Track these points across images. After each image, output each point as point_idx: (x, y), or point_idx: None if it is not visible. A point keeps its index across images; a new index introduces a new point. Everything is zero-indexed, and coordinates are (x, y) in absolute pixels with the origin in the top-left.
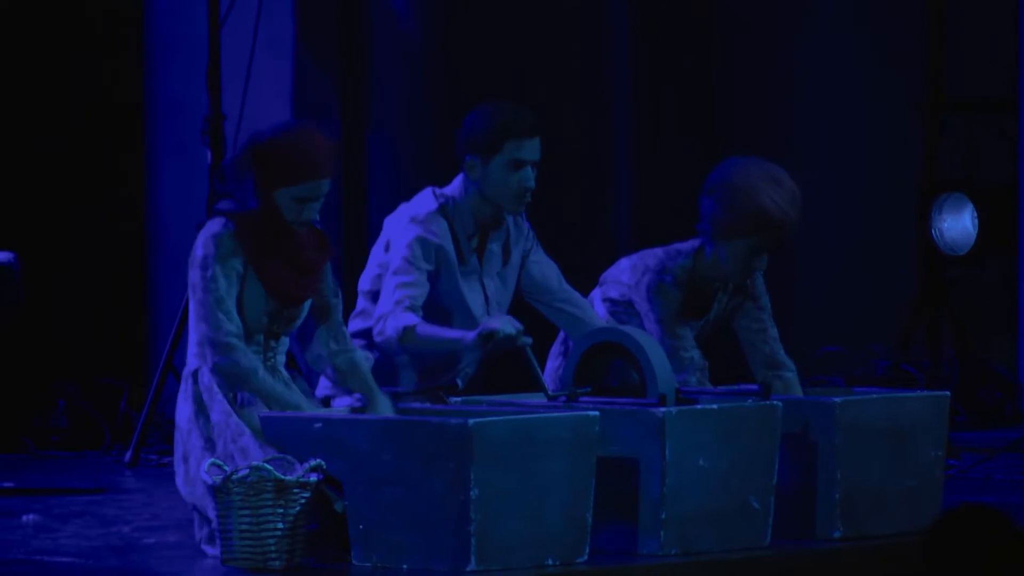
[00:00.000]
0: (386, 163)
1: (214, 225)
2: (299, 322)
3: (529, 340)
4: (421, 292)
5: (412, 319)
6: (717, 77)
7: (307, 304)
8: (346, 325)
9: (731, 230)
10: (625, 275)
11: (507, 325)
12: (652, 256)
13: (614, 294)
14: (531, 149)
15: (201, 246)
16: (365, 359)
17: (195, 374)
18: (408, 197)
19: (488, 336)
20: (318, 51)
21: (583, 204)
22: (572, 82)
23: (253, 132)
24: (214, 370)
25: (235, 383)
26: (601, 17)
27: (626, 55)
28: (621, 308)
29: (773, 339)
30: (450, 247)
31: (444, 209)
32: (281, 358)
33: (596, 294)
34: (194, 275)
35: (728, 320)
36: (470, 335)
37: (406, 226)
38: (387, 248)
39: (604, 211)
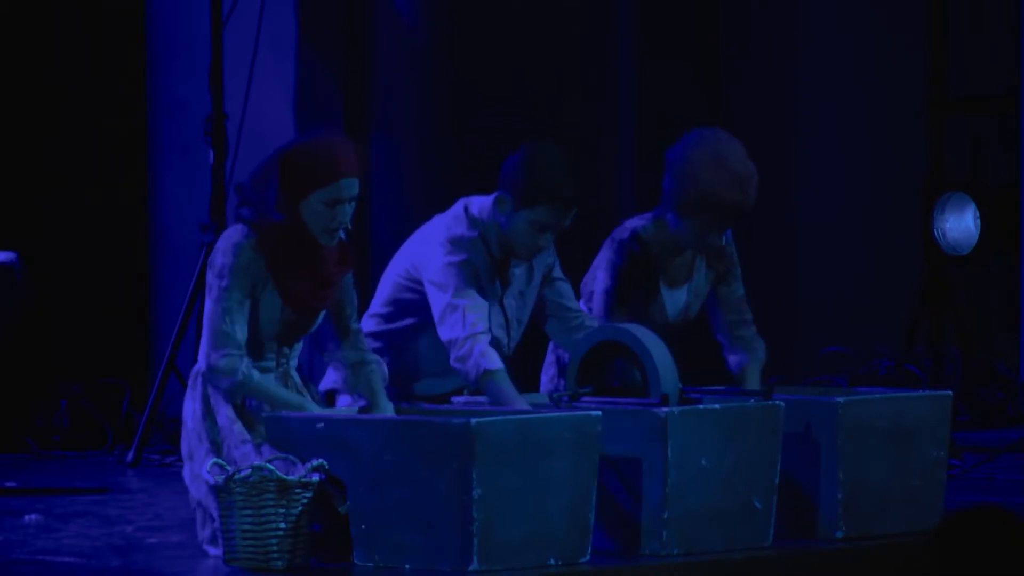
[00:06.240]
0: (390, 162)
1: (236, 233)
2: (313, 329)
3: None
4: (485, 313)
5: (495, 364)
6: (720, 77)
7: (322, 314)
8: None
9: (682, 208)
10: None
11: None
12: (615, 232)
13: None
14: (564, 219)
15: (221, 253)
16: (377, 365)
17: (204, 373)
18: (410, 197)
19: None
20: (321, 50)
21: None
22: (576, 80)
23: (276, 148)
24: (206, 379)
25: (232, 393)
26: (606, 15)
27: (631, 56)
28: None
29: (741, 299)
30: (483, 276)
31: (482, 238)
32: (294, 362)
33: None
34: (211, 279)
35: (713, 290)
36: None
37: (451, 251)
38: (418, 265)
39: (606, 209)
